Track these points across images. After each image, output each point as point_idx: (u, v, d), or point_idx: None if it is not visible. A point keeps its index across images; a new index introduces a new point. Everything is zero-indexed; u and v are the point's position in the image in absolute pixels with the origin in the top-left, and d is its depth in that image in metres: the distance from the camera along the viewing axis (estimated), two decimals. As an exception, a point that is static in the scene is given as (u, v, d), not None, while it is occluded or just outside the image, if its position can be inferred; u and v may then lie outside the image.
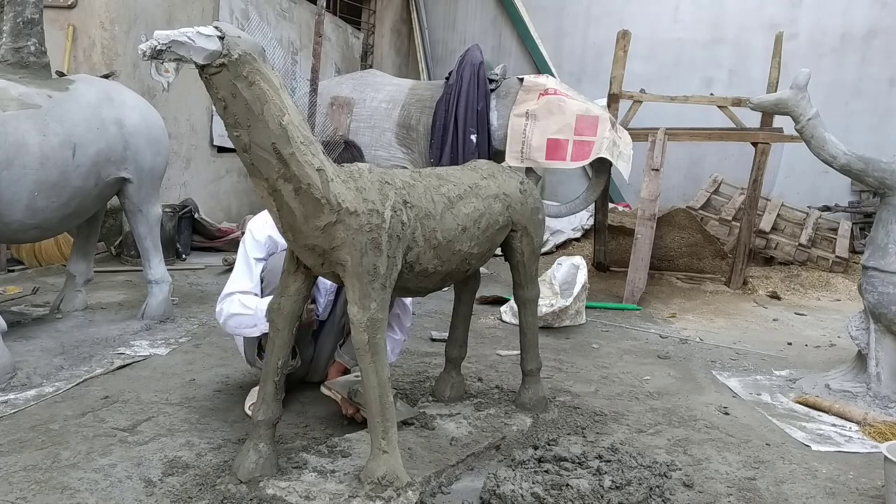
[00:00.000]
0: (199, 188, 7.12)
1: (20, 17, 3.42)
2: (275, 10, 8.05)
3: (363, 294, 2.08)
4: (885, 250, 3.32)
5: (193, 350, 3.66)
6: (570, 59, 10.18)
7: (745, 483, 2.50)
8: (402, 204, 2.17)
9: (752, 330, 5.00)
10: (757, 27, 9.36)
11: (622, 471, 2.30)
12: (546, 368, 3.32)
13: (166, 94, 6.47)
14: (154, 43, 1.64)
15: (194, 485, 2.20)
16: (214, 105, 1.83)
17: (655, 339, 4.57)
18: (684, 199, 8.56)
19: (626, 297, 5.52)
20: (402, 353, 3.81)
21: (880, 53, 9.16)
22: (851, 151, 3.36)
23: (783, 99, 3.37)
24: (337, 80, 7.07)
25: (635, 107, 6.34)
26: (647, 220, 5.64)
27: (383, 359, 2.14)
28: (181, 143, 6.78)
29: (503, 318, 4.79)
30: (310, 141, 1.95)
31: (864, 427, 3.08)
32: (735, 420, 3.14)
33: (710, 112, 6.66)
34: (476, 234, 2.45)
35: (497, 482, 2.19)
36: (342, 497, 2.09)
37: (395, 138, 6.26)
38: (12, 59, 3.43)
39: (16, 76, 3.36)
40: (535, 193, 2.82)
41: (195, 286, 5.15)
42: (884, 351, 3.36)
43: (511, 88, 6.01)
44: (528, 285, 2.86)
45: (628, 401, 3.32)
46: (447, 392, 2.97)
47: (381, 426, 2.15)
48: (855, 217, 8.52)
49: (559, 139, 5.75)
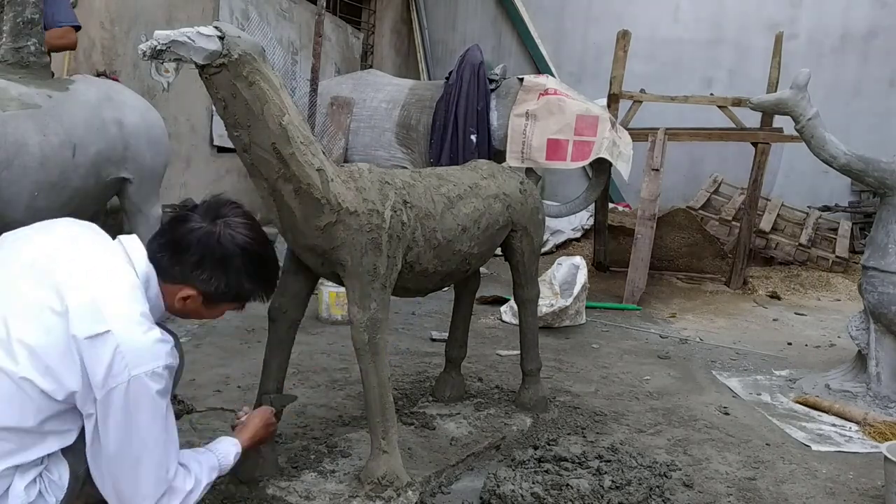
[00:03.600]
0: (199, 188, 7.11)
1: (20, 17, 3.41)
2: (275, 10, 8.05)
3: (363, 294, 2.08)
4: (885, 250, 3.32)
5: (193, 350, 3.66)
6: (570, 59, 10.17)
7: (745, 483, 2.50)
8: (402, 204, 2.17)
9: (752, 330, 5.00)
10: (757, 27, 9.35)
11: (622, 471, 2.30)
12: (546, 368, 3.32)
13: (166, 94, 6.47)
14: (154, 43, 1.64)
15: (194, 485, 2.20)
16: (214, 105, 1.83)
17: (655, 339, 4.57)
18: (684, 199, 8.55)
19: (626, 297, 5.52)
20: (403, 353, 3.82)
21: (880, 53, 9.15)
22: (851, 151, 3.36)
23: (783, 99, 3.37)
24: (337, 80, 7.07)
25: (635, 107, 6.33)
26: (647, 220, 5.64)
27: (383, 359, 2.14)
28: (181, 143, 6.77)
29: (503, 318, 4.78)
30: (310, 141, 1.95)
31: (864, 427, 3.08)
32: (735, 420, 3.14)
33: (710, 112, 6.65)
34: (476, 234, 2.45)
35: (497, 482, 2.19)
36: (342, 497, 2.09)
37: (395, 138, 6.26)
38: (12, 59, 3.42)
39: (16, 76, 3.36)
40: (535, 193, 2.82)
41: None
42: (884, 351, 3.36)
43: (511, 88, 6.00)
44: (528, 285, 2.86)
45: (628, 401, 3.32)
46: (447, 392, 2.97)
47: (381, 426, 2.15)
48: (855, 217, 8.51)
49: (559, 139, 5.75)
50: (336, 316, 4.36)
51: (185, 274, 1.72)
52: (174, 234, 1.73)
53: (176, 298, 1.74)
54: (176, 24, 6.34)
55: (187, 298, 1.74)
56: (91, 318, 1.54)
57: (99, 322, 1.54)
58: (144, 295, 1.66)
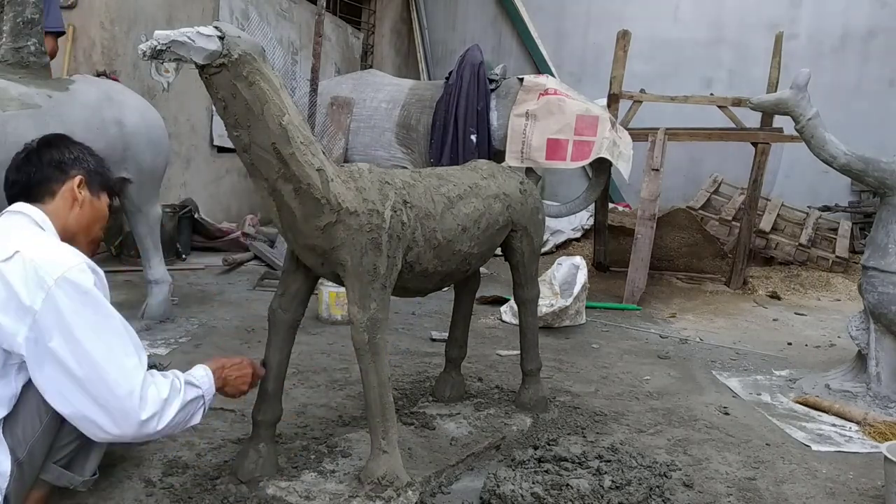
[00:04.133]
0: (199, 188, 7.12)
1: (20, 17, 3.41)
2: (275, 10, 8.05)
3: (363, 294, 2.08)
4: (885, 250, 3.32)
5: (193, 350, 3.66)
6: (570, 59, 10.17)
7: (745, 483, 2.50)
8: (402, 204, 2.17)
9: (752, 330, 5.00)
10: (757, 27, 9.35)
11: (622, 471, 2.30)
12: (546, 368, 3.32)
13: (166, 94, 6.47)
14: (154, 43, 1.64)
15: (194, 485, 2.20)
16: (214, 105, 1.83)
17: (655, 339, 4.57)
18: (684, 199, 8.55)
19: (626, 297, 5.52)
20: (403, 353, 3.82)
21: (880, 53, 9.15)
22: (851, 151, 3.36)
23: (783, 99, 3.37)
24: (337, 80, 7.07)
25: (635, 107, 6.33)
26: (647, 220, 5.64)
27: (383, 359, 2.14)
28: (181, 143, 6.77)
29: (503, 318, 4.78)
30: (310, 141, 1.95)
31: (864, 427, 3.08)
32: (735, 420, 3.14)
33: (710, 112, 6.65)
34: (476, 234, 2.45)
35: (497, 482, 2.19)
36: (342, 497, 2.09)
37: (395, 138, 6.26)
38: (12, 59, 3.43)
39: (16, 76, 3.36)
40: (535, 193, 2.82)
41: (195, 286, 5.15)
42: (884, 351, 3.36)
43: (511, 88, 6.01)
44: (528, 285, 2.86)
45: (628, 401, 3.32)
46: (447, 392, 2.97)
47: (381, 426, 2.15)
48: (855, 217, 8.52)
49: (559, 139, 5.75)
50: (336, 316, 4.36)
51: (60, 165, 1.92)
52: (24, 159, 1.94)
53: (74, 192, 1.90)
54: (176, 24, 6.34)
55: (80, 187, 1.92)
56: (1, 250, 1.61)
57: (7, 250, 1.60)
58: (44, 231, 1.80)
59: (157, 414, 1.63)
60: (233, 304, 4.70)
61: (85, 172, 1.95)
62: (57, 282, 1.55)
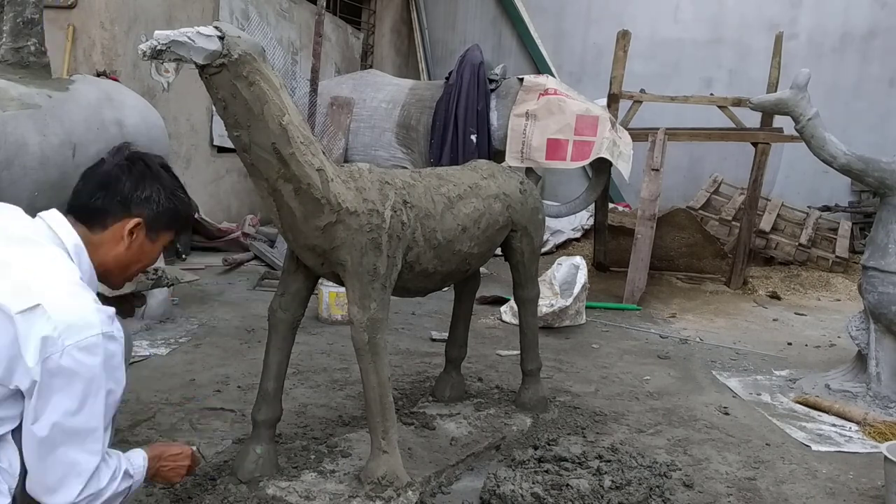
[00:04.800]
0: (199, 188, 7.11)
1: (20, 17, 3.41)
2: (275, 10, 8.05)
3: (363, 294, 2.08)
4: (885, 250, 3.32)
5: (193, 350, 3.66)
6: (570, 59, 10.17)
7: (745, 483, 2.50)
8: (402, 204, 2.17)
9: (752, 330, 5.00)
10: (757, 27, 9.35)
11: (622, 471, 2.30)
12: (546, 368, 3.32)
13: (166, 94, 6.47)
14: (154, 43, 1.63)
15: (194, 485, 2.20)
16: (214, 105, 1.83)
17: (655, 339, 4.57)
18: (684, 199, 8.55)
19: (626, 297, 5.52)
20: (403, 353, 3.82)
21: (880, 53, 9.16)
22: (851, 151, 3.36)
23: (783, 99, 3.37)
24: (337, 80, 7.07)
25: (635, 107, 6.33)
26: (647, 220, 5.64)
27: (384, 359, 2.14)
28: (181, 143, 6.77)
29: (503, 318, 4.78)
30: (310, 141, 1.95)
31: (864, 427, 3.08)
32: (735, 420, 3.14)
33: (710, 112, 6.65)
34: (476, 234, 2.45)
35: (497, 482, 2.19)
36: (342, 497, 2.09)
37: (395, 138, 6.26)
38: (12, 59, 3.42)
39: (16, 76, 3.35)
40: (535, 193, 2.82)
41: (195, 286, 5.14)
42: (884, 351, 3.36)
43: (511, 88, 6.01)
44: (528, 285, 2.86)
45: (628, 401, 3.31)
46: (447, 392, 2.97)
47: (381, 426, 2.15)
48: (855, 217, 8.52)
49: (559, 139, 5.75)
50: (336, 316, 4.36)
51: (126, 202, 1.71)
52: (100, 175, 1.75)
53: (125, 233, 1.71)
54: (176, 24, 6.33)
55: (134, 230, 1.72)
56: (22, 293, 1.50)
57: (30, 296, 1.49)
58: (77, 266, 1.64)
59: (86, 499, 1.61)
60: (233, 304, 4.70)
61: (148, 215, 1.75)
62: (68, 349, 1.49)
